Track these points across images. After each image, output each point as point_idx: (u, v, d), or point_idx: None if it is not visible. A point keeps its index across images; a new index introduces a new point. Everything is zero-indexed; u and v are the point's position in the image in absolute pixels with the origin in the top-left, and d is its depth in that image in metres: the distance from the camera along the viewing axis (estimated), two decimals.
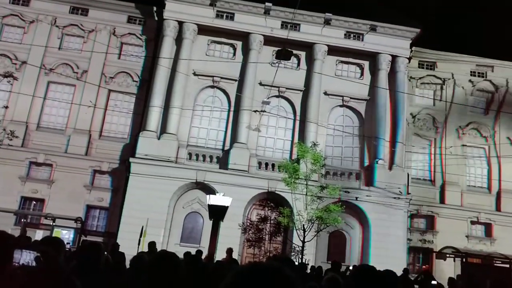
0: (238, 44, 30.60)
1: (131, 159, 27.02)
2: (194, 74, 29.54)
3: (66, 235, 25.28)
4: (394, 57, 30.49)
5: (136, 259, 6.19)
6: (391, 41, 30.39)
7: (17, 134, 26.67)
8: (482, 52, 33.17)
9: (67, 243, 22.00)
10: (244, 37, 30.24)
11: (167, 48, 29.21)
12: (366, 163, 29.44)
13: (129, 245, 18.05)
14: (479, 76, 33.31)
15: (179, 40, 29.61)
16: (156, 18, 30.57)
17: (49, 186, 28.23)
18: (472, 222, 30.61)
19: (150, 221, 24.10)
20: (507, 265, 26.46)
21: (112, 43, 30.48)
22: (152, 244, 13.42)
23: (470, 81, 32.90)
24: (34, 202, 28.34)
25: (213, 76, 29.67)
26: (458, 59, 32.88)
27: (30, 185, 28.16)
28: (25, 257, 4.79)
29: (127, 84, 30.37)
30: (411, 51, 31.17)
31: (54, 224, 24.97)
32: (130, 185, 26.65)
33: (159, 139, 27.78)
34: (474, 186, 31.62)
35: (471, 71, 33.21)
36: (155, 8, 30.51)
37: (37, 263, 4.53)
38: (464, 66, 33.00)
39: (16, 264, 4.65)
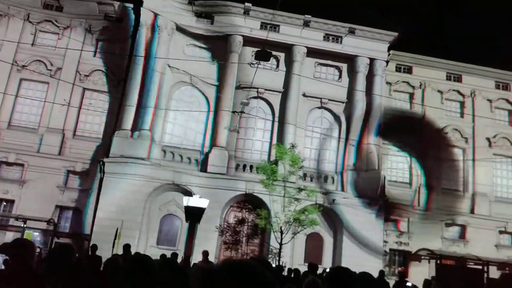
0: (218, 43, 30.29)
1: (105, 159, 26.44)
2: (170, 66, 28.91)
3: (38, 237, 24.58)
4: (372, 60, 30.73)
5: (110, 262, 5.96)
6: (369, 44, 30.63)
7: None
8: (457, 56, 33.87)
9: (38, 247, 21.36)
10: (223, 36, 29.97)
11: (143, 45, 28.69)
12: (343, 165, 29.56)
13: (103, 247, 17.59)
14: (454, 80, 33.90)
15: (156, 37, 29.05)
16: (133, 15, 30.02)
17: (20, 187, 27.40)
18: (447, 225, 31.05)
19: (125, 223, 23.65)
20: (480, 267, 26.94)
21: (88, 41, 29.80)
22: (126, 247, 13.09)
23: (445, 84, 33.46)
24: (4, 203, 27.43)
25: (190, 75, 29.30)
26: (434, 63, 33.40)
27: (0, 186, 27.28)
28: None
29: (102, 83, 29.77)
30: (389, 55, 31.50)
31: (25, 225, 24.22)
32: (104, 185, 26.06)
33: (134, 138, 27.27)
34: (449, 188, 32.08)
35: (446, 75, 33.79)
36: (132, 5, 29.98)
37: (6, 266, 4.27)
38: (440, 70, 33.54)
39: None
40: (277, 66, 30.71)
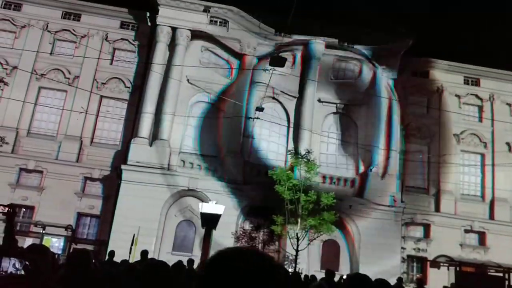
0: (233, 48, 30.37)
1: (122, 166, 26.67)
2: (188, 81, 29.26)
3: (56, 243, 24.88)
4: (387, 65, 30.45)
5: (128, 268, 5.98)
6: (383, 49, 30.36)
7: (7, 140, 26.31)
8: (473, 60, 33.37)
9: (56, 253, 21.59)
10: (238, 43, 30.06)
11: (160, 54, 28.97)
12: (360, 171, 29.31)
13: (120, 253, 17.69)
14: (471, 84, 33.44)
15: (172, 46, 29.36)
16: (149, 24, 30.37)
17: (39, 193, 27.78)
18: (466, 231, 30.52)
19: (142, 229, 23.76)
20: (501, 274, 26.41)
21: (105, 49, 30.22)
22: (144, 253, 13.12)
23: (462, 88, 33.00)
24: (24, 210, 27.79)
25: (205, 82, 29.40)
26: (450, 67, 33.01)
27: (20, 192, 27.68)
28: (14, 266, 4.57)
29: (119, 90, 30.10)
30: (404, 60, 31.17)
31: (44, 232, 24.56)
32: (121, 192, 26.27)
33: (151, 146, 27.47)
34: (468, 194, 31.57)
35: (464, 79, 33.35)
36: (148, 14, 30.33)
37: (25, 271, 4.31)
38: (457, 74, 33.11)
39: (3, 272, 4.43)
40: (292, 71, 30.60)
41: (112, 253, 14.79)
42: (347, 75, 31.27)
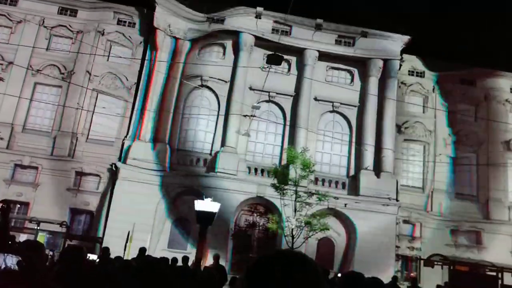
0: (229, 45, 30.32)
1: (118, 163, 26.70)
2: (184, 76, 29.18)
3: (51, 240, 24.80)
4: (384, 64, 30.51)
5: (123, 265, 5.99)
6: (381, 48, 30.42)
7: (2, 135, 26.20)
8: (469, 59, 33.54)
9: (51, 250, 21.53)
10: (234, 37, 30.03)
11: (159, 51, 28.90)
12: (355, 169, 29.38)
13: (115, 250, 17.69)
14: (467, 83, 33.53)
15: (168, 42, 29.24)
16: (146, 20, 30.27)
17: (34, 189, 27.68)
18: (460, 230, 30.65)
19: (137, 225, 23.77)
20: (494, 273, 26.53)
21: (101, 45, 30.06)
22: (142, 251, 13.10)
23: (458, 88, 33.09)
24: (19, 206, 27.71)
25: (201, 77, 29.31)
26: (447, 66, 33.06)
27: (15, 188, 27.58)
28: (8, 261, 4.56)
29: (115, 87, 29.97)
30: (402, 58, 31.25)
31: (38, 228, 24.46)
32: (117, 189, 26.28)
33: (147, 143, 27.46)
34: (462, 193, 31.68)
35: (460, 78, 33.44)
36: (145, 10, 30.25)
37: (19, 268, 4.31)
38: (453, 73, 33.18)
39: None
40: (289, 69, 30.65)
41: (106, 250, 14.74)
42: (342, 76, 31.26)
